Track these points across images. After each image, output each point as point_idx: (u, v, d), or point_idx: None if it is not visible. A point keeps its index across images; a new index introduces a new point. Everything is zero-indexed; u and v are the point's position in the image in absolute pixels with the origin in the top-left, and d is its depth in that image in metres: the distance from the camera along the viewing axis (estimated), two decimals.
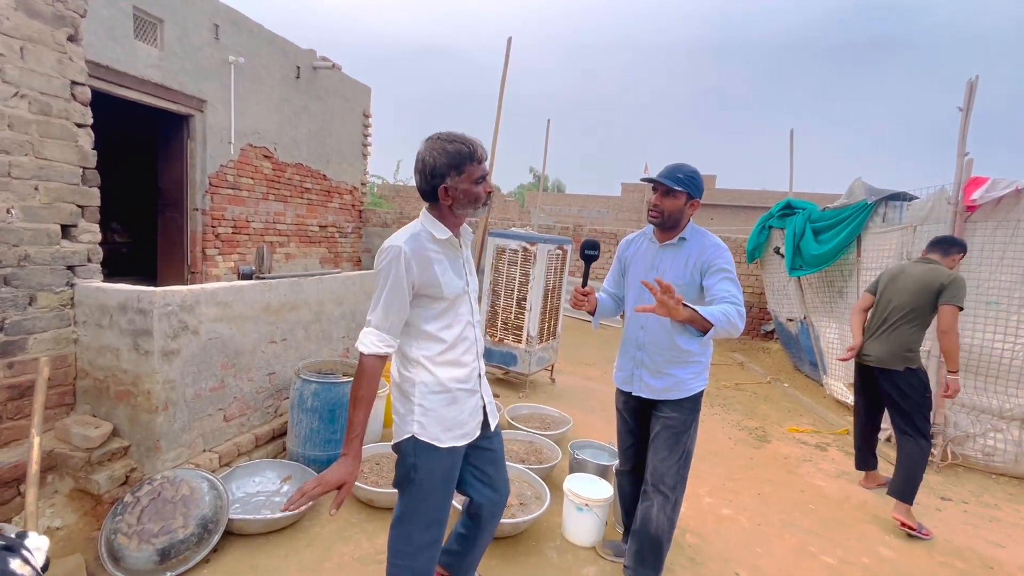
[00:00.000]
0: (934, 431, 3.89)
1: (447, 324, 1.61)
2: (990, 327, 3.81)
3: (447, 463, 1.62)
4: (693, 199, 1.98)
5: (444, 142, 1.53)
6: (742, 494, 3.26)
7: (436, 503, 1.63)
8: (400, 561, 1.64)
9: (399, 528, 1.65)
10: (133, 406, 2.42)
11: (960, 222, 3.88)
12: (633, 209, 24.92)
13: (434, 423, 1.59)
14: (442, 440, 1.59)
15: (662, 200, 1.99)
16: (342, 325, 3.74)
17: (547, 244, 4.55)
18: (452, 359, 1.61)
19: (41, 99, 2.34)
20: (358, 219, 9.61)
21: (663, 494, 2.03)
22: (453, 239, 1.61)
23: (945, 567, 2.67)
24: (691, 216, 2.03)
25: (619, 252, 2.27)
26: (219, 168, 6.55)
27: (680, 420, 2.04)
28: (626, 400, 2.23)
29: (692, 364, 2.04)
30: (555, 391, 4.95)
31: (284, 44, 7.40)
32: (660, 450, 2.05)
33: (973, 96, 3.81)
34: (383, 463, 2.96)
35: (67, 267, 2.50)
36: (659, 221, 2.02)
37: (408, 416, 1.60)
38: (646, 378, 2.07)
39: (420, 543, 1.63)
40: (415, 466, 1.60)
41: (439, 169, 1.52)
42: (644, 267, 2.10)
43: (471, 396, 1.66)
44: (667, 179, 1.94)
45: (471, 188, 1.54)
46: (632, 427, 2.25)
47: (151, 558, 2.04)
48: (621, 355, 2.22)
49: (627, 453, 2.33)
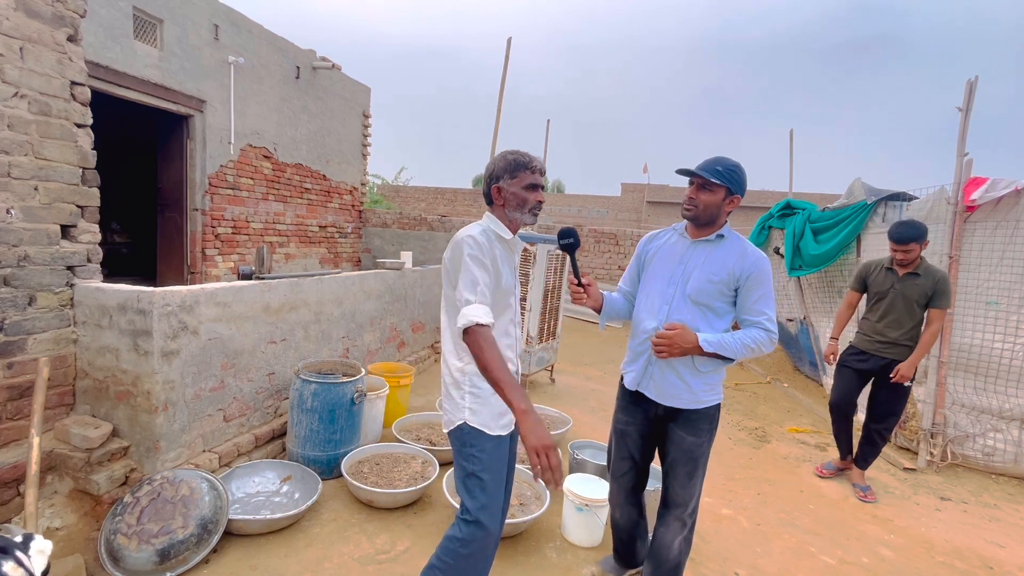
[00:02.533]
0: (934, 431, 3.90)
1: (497, 317, 1.68)
2: (990, 327, 3.82)
3: (499, 451, 1.67)
4: (733, 195, 1.81)
5: (507, 153, 1.73)
6: (742, 494, 3.26)
7: (498, 492, 1.65)
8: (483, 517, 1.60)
9: (476, 525, 1.61)
10: (133, 406, 2.42)
11: (960, 222, 3.88)
12: (633, 209, 24.91)
13: (485, 410, 1.65)
14: (492, 428, 1.65)
15: (698, 193, 1.83)
16: (342, 325, 3.74)
17: (547, 244, 4.55)
18: None
19: (41, 99, 2.34)
20: (358, 219, 9.60)
21: (682, 521, 1.92)
22: (513, 240, 1.75)
23: (945, 567, 2.67)
24: (729, 214, 1.87)
25: (640, 246, 2.10)
26: (219, 168, 6.55)
27: (696, 444, 1.88)
28: (628, 420, 2.04)
29: (711, 374, 1.87)
30: (555, 391, 4.95)
31: (284, 44, 7.39)
32: (678, 477, 1.91)
33: (973, 96, 3.81)
34: (383, 463, 2.96)
35: (67, 267, 2.50)
36: (693, 216, 1.87)
37: (460, 403, 1.66)
38: (657, 377, 1.90)
39: (486, 539, 1.62)
40: (473, 456, 1.63)
41: (496, 172, 1.71)
42: (672, 261, 1.93)
43: None
44: (705, 171, 1.80)
45: (520, 192, 1.69)
46: (632, 452, 2.06)
47: (151, 558, 2.04)
48: (632, 354, 2.01)
49: (621, 481, 2.11)
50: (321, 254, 8.72)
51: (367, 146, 9.59)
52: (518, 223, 1.75)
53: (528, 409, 1.38)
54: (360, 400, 3.00)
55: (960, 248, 3.90)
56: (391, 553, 2.34)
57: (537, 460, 1.33)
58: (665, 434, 1.96)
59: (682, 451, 1.90)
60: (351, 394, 2.93)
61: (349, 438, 2.97)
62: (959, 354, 3.91)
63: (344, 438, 2.93)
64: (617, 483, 2.15)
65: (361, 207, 9.68)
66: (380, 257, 9.20)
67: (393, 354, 4.59)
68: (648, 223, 24.43)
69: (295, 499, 2.61)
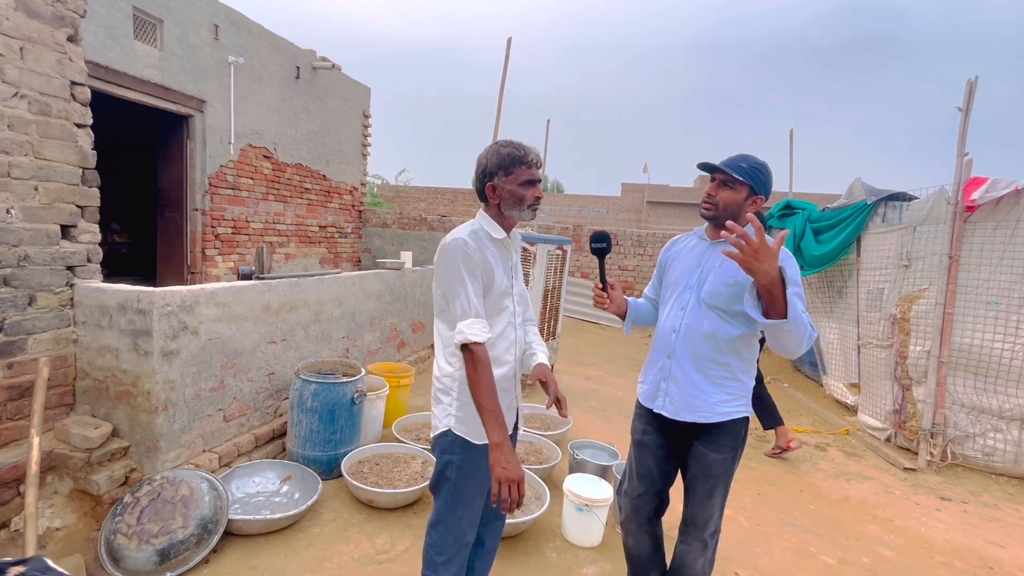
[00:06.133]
0: (934, 431, 3.90)
1: (490, 320, 1.61)
2: (990, 327, 3.82)
3: (483, 459, 1.59)
4: (756, 195, 1.68)
5: (500, 146, 1.61)
6: (742, 494, 3.26)
7: (471, 503, 1.62)
8: (432, 574, 1.61)
9: (434, 534, 1.63)
10: (133, 406, 2.42)
11: (960, 222, 3.88)
12: (633, 209, 24.90)
13: (472, 419, 1.57)
14: (477, 436, 1.59)
15: (719, 191, 1.70)
16: (342, 325, 3.74)
17: (547, 244, 4.55)
18: (493, 356, 1.59)
19: (41, 99, 2.34)
20: (358, 219, 9.61)
21: (703, 541, 1.78)
22: (507, 239, 1.67)
23: (945, 567, 2.67)
24: (753, 214, 1.63)
25: (661, 253, 2.00)
26: (219, 168, 6.55)
27: (716, 461, 1.74)
28: (645, 428, 1.89)
29: (728, 383, 1.72)
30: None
31: (284, 44, 7.39)
32: (697, 493, 1.78)
33: (973, 96, 3.81)
34: (383, 463, 2.96)
35: (67, 267, 2.50)
36: (712, 215, 1.73)
37: (447, 410, 1.61)
38: (672, 392, 1.76)
39: (453, 549, 1.61)
40: (451, 464, 1.60)
41: (490, 169, 1.60)
42: (688, 266, 1.81)
43: (506, 395, 1.64)
44: (728, 167, 1.67)
45: (517, 189, 1.59)
46: (650, 467, 1.87)
47: (151, 558, 2.04)
48: (648, 365, 1.90)
49: (636, 504, 1.90)
50: (321, 254, 8.72)
51: (367, 146, 9.59)
52: (514, 221, 1.67)
53: (501, 443, 1.41)
54: (360, 400, 3.00)
55: (960, 248, 3.90)
56: (391, 553, 2.34)
57: (498, 491, 1.38)
58: (687, 449, 1.83)
59: (702, 467, 1.76)
60: (351, 394, 2.93)
61: (349, 438, 2.97)
62: (959, 354, 3.91)
63: (344, 438, 2.93)
64: (632, 506, 1.92)
65: (361, 207, 9.68)
66: (380, 257, 9.20)
67: (393, 354, 4.59)
68: (648, 223, 24.41)
69: (295, 499, 2.61)
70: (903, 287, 4.31)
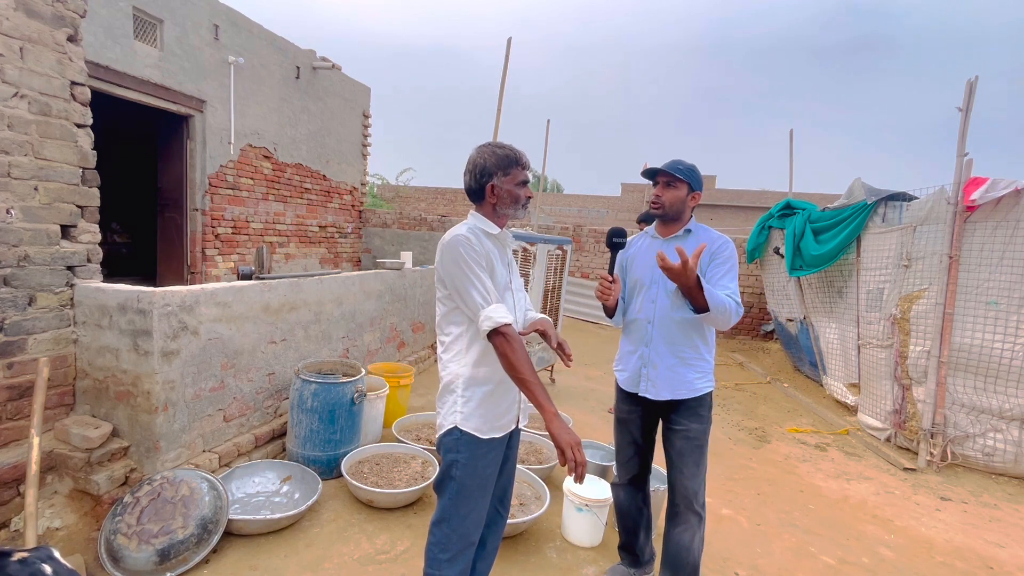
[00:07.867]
0: (934, 431, 3.90)
1: None
2: (990, 327, 3.81)
3: (488, 456, 1.64)
4: (694, 191, 2.01)
5: (494, 147, 1.68)
6: (742, 494, 3.26)
7: (476, 501, 1.64)
8: (436, 571, 1.62)
9: (438, 532, 1.64)
10: (133, 406, 2.42)
11: (960, 222, 3.88)
12: (633, 209, 24.90)
13: (476, 414, 1.62)
14: (483, 431, 1.62)
15: (664, 191, 2.02)
16: (342, 325, 3.74)
17: (547, 244, 4.55)
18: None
19: (41, 99, 2.34)
20: (358, 219, 9.60)
21: (697, 514, 2.00)
22: (502, 234, 1.73)
23: (945, 567, 2.67)
24: (693, 209, 2.06)
25: (618, 257, 2.17)
26: (219, 168, 6.55)
27: (700, 431, 2.01)
28: (631, 408, 2.15)
29: (699, 362, 2.02)
30: (555, 391, 4.95)
31: (284, 44, 7.39)
32: (687, 466, 2.00)
33: (972, 96, 3.81)
34: (383, 463, 2.96)
35: (67, 267, 2.50)
36: (661, 213, 2.05)
37: (453, 407, 1.64)
38: (653, 377, 2.02)
39: (458, 548, 1.62)
40: (456, 462, 1.61)
41: (488, 169, 1.66)
42: (648, 263, 2.06)
43: (510, 390, 1.68)
44: (670, 169, 1.98)
45: (514, 189, 1.67)
46: (635, 437, 2.16)
47: (151, 558, 2.04)
48: (625, 354, 2.15)
49: (627, 465, 2.22)
50: (321, 254, 8.72)
51: (367, 146, 9.59)
52: (507, 219, 1.74)
53: (557, 412, 1.50)
54: (360, 400, 3.00)
55: (960, 248, 3.90)
56: (391, 553, 2.34)
57: (570, 456, 1.44)
58: (668, 426, 2.06)
59: (688, 439, 2.01)
60: (351, 394, 2.93)
61: (349, 438, 2.97)
62: (959, 354, 3.91)
63: (344, 438, 2.93)
64: (624, 468, 2.24)
65: (361, 207, 9.68)
66: (380, 257, 9.20)
67: (393, 354, 4.59)
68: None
69: (295, 499, 2.61)
70: (903, 287, 4.31)
